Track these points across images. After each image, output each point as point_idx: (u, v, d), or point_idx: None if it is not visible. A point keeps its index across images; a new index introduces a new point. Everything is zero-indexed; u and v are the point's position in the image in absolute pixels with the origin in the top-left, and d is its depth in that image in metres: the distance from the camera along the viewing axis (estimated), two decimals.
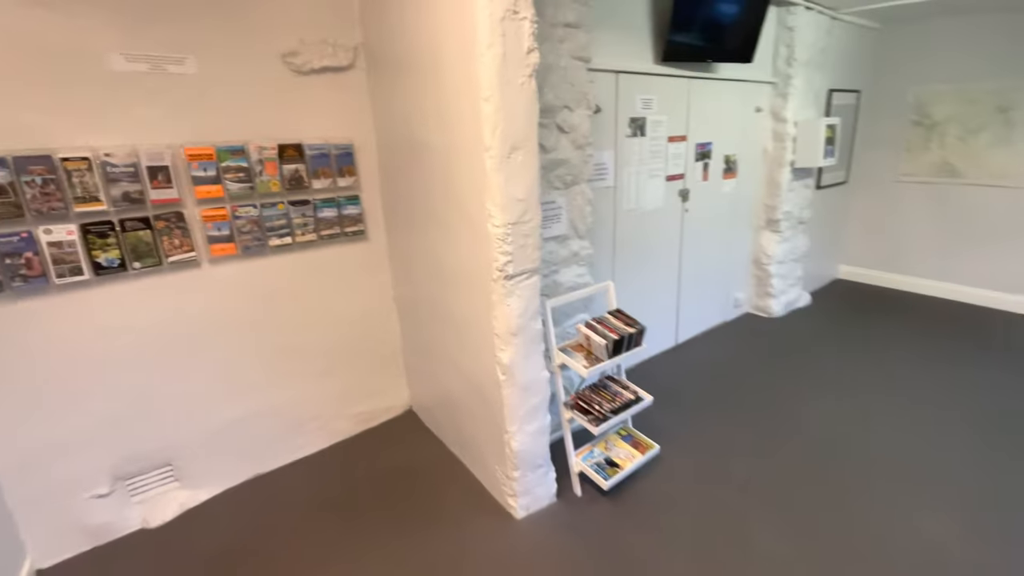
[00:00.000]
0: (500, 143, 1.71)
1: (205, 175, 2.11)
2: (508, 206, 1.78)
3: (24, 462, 1.92)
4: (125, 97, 1.90)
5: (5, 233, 1.74)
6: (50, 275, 1.85)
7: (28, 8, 1.68)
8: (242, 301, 2.32)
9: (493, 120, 1.67)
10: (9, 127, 1.71)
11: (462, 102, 1.79)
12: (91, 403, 2.02)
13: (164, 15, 1.93)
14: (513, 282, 1.89)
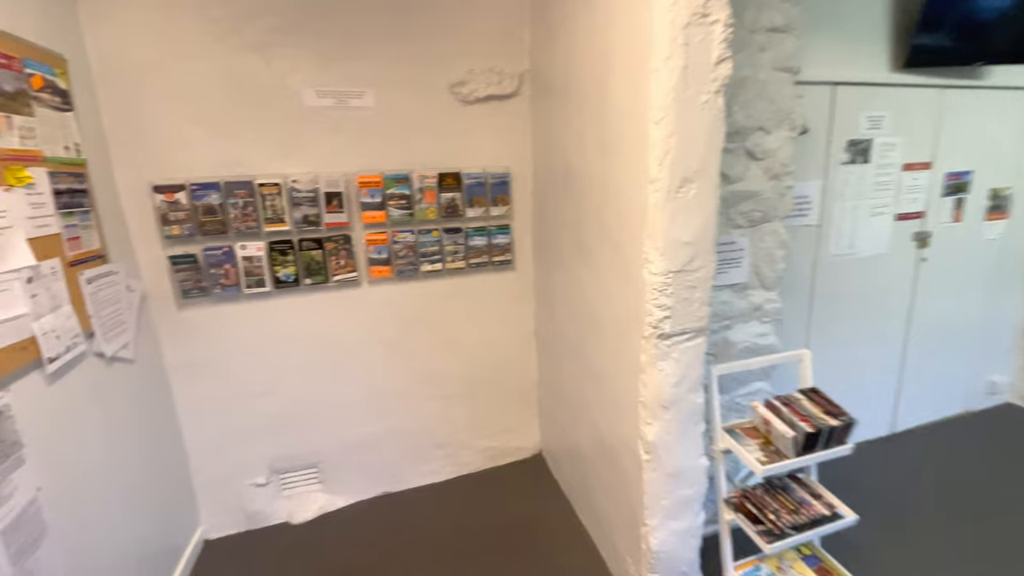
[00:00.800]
0: (669, 174, 1.39)
1: (371, 201, 2.21)
2: (671, 250, 1.45)
3: (208, 446, 2.21)
4: (313, 129, 2.09)
5: (213, 247, 2.02)
6: (241, 285, 2.09)
7: (243, 54, 1.94)
8: (391, 322, 2.37)
9: (663, 147, 1.37)
10: (223, 158, 1.98)
11: (627, 125, 1.52)
12: (263, 401, 2.24)
13: (351, 52, 2.07)
14: (669, 343, 1.53)
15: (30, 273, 1.29)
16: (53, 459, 1.34)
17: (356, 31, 2.06)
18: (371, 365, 2.39)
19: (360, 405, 2.41)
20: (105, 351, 1.63)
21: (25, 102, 1.35)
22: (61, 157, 1.49)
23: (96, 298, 1.61)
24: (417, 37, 2.14)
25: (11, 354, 1.21)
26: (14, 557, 1.15)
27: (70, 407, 1.44)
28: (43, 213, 1.38)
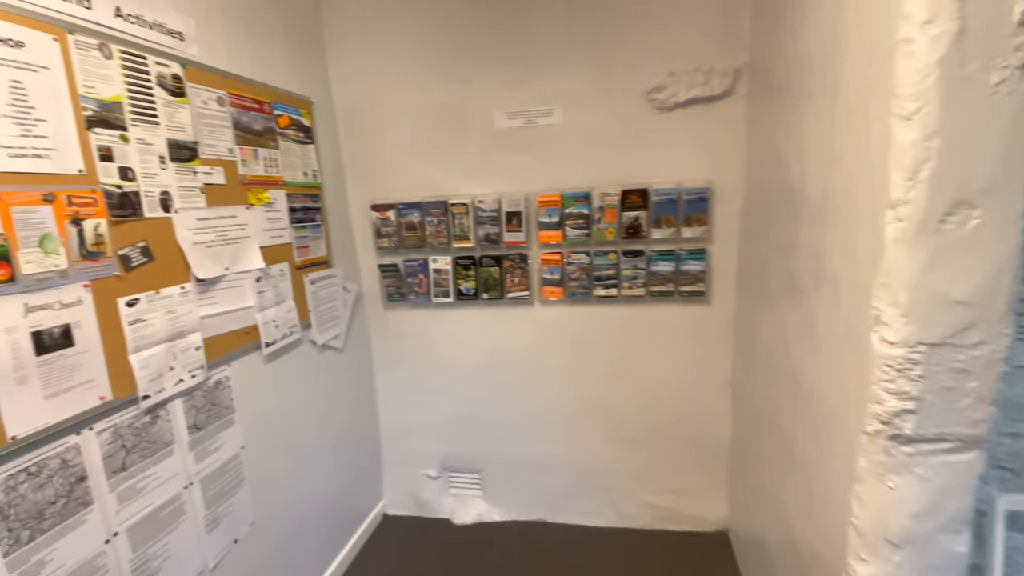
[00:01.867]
0: (928, 195, 0.89)
1: (549, 221, 2.14)
2: (925, 311, 0.93)
3: (396, 430, 2.49)
4: (501, 150, 2.14)
5: (412, 259, 2.26)
6: (431, 294, 2.29)
7: (447, 86, 2.11)
8: (562, 344, 2.26)
9: (917, 154, 0.89)
10: (424, 180, 2.20)
11: (860, 123, 1.06)
12: (441, 399, 2.41)
13: (538, 72, 2.04)
14: (911, 450, 0.99)
15: (259, 274, 1.63)
16: (258, 424, 1.66)
17: (543, 52, 2.03)
18: (540, 385, 2.32)
19: (525, 423, 2.37)
20: (317, 340, 1.97)
21: (272, 138, 1.72)
22: (299, 181, 1.87)
23: (316, 296, 1.96)
24: (608, 45, 1.98)
25: (236, 337, 1.55)
26: (210, 500, 1.46)
27: (279, 384, 1.77)
28: (278, 226, 1.74)
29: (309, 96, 1.96)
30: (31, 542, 1.00)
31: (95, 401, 1.13)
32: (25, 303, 0.99)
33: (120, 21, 1.20)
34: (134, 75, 1.23)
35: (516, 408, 2.36)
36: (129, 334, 1.21)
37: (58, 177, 1.05)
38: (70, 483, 1.09)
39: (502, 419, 2.39)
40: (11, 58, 0.97)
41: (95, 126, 1.13)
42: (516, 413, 2.37)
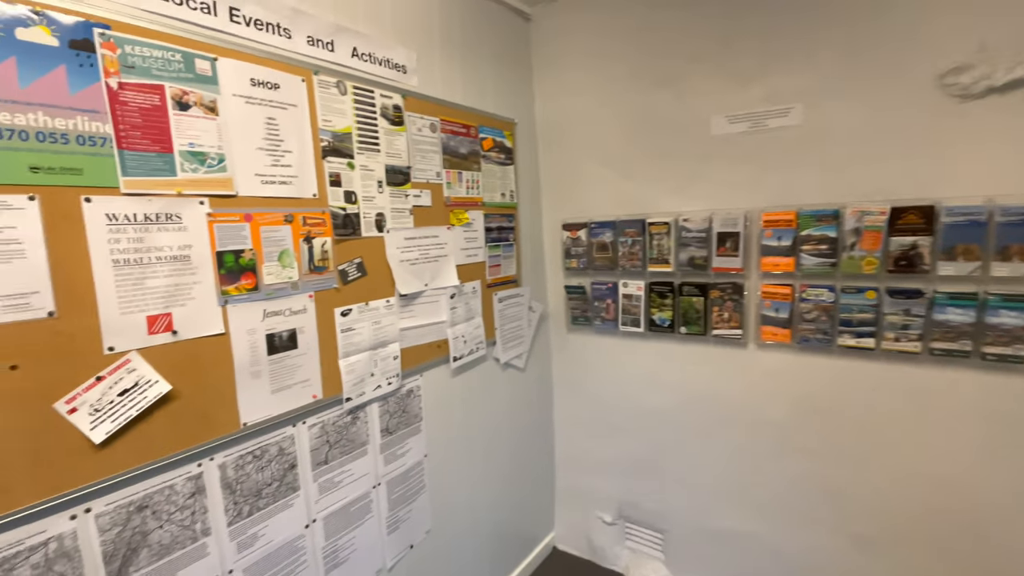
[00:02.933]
0: None
1: (777, 245, 1.73)
2: None
3: (571, 460, 2.36)
4: (715, 160, 1.82)
5: (600, 281, 2.10)
6: (618, 321, 2.09)
7: (651, 92, 1.89)
8: (779, 402, 1.81)
9: None
10: (619, 197, 2.02)
11: None
12: (622, 438, 2.19)
13: (777, 64, 1.67)
14: None
15: (454, 291, 1.68)
16: (441, 435, 1.70)
17: (779, 38, 1.65)
18: (747, 446, 1.90)
19: (725, 486, 1.97)
20: (501, 357, 1.96)
21: (475, 160, 1.77)
22: (496, 202, 1.89)
23: (503, 314, 1.95)
24: (876, 17, 1.50)
25: (429, 349, 1.61)
26: (393, 503, 1.52)
27: (463, 398, 1.80)
28: (474, 245, 1.78)
29: (513, 117, 1.98)
30: (249, 516, 1.15)
31: (309, 399, 1.27)
32: (264, 309, 1.16)
33: (355, 60, 1.34)
34: (363, 107, 1.37)
35: (714, 466, 1.98)
36: (341, 341, 1.34)
37: (297, 201, 1.20)
38: (284, 469, 1.23)
39: (695, 475, 2.03)
40: (268, 98, 1.14)
41: (328, 155, 1.28)
42: (713, 472, 1.98)
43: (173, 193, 0.98)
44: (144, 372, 0.96)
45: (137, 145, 0.93)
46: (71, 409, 0.88)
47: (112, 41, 0.89)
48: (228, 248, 1.08)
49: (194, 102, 1.01)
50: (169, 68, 0.97)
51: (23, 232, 0.81)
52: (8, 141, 0.79)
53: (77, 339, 0.88)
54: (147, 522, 0.98)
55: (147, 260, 0.96)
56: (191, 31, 1.01)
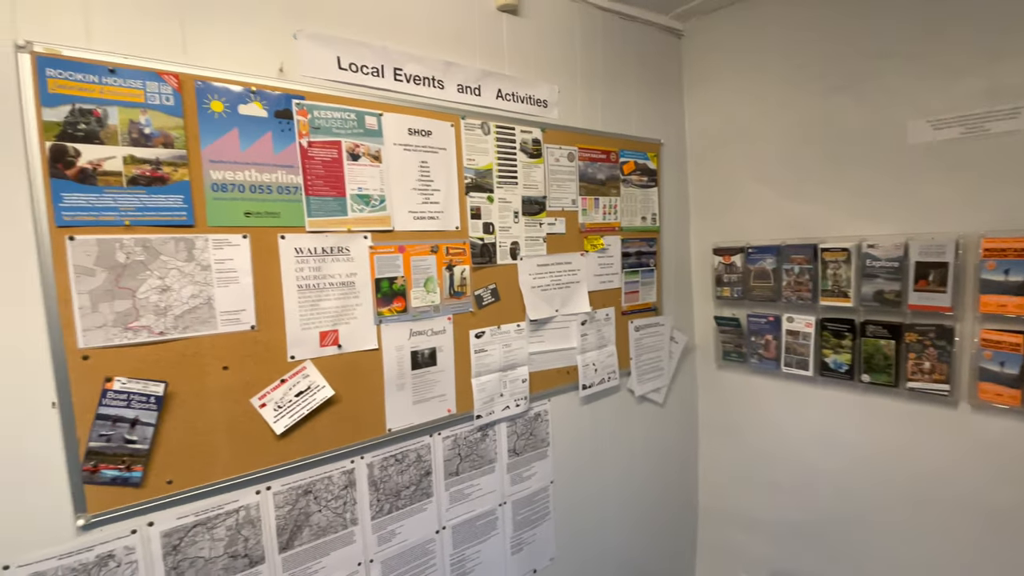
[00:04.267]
0: None
1: (1004, 280, 1.35)
2: None
3: (717, 511, 2.12)
4: (912, 174, 1.50)
5: (759, 314, 1.87)
6: (780, 361, 1.83)
7: (825, 97, 1.63)
8: (1003, 483, 1.39)
9: None
10: (784, 219, 1.78)
11: None
12: (781, 497, 1.90)
13: (999, 50, 1.31)
14: None
15: (585, 317, 1.66)
16: (568, 463, 1.68)
17: (1003, 16, 1.28)
18: (949, 534, 1.50)
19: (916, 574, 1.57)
20: (636, 389, 1.87)
21: (614, 185, 1.73)
22: (636, 226, 1.82)
23: (639, 344, 1.86)
24: None
25: (557, 375, 1.62)
26: (518, 524, 1.55)
27: (593, 428, 1.75)
28: (608, 271, 1.74)
29: (659, 138, 1.90)
30: (389, 514, 1.29)
31: (444, 412, 1.37)
32: (410, 328, 1.30)
33: (499, 101, 1.44)
34: (504, 144, 1.45)
35: (899, 551, 1.59)
36: (474, 361, 1.42)
37: (441, 233, 1.33)
38: (420, 475, 1.35)
39: (874, 557, 1.65)
40: (422, 144, 1.29)
41: (471, 191, 1.39)
42: (899, 558, 1.59)
43: (344, 230, 1.17)
44: (315, 379, 1.15)
45: (319, 191, 1.13)
46: (262, 404, 1.09)
47: (305, 109, 1.11)
48: (384, 275, 1.24)
49: (363, 153, 1.19)
50: (345, 126, 1.16)
51: (238, 263, 1.05)
52: (231, 193, 1.03)
53: (269, 348, 1.10)
54: (310, 505, 1.17)
55: (322, 285, 1.15)
56: (363, 93, 1.20)
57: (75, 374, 0.91)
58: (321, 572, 1.19)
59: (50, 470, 0.90)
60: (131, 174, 0.93)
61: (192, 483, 1.02)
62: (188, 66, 0.98)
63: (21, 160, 0.86)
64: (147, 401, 0.96)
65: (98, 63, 0.90)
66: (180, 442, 1.00)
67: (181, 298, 0.99)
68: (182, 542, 1.02)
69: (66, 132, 0.88)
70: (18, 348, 0.87)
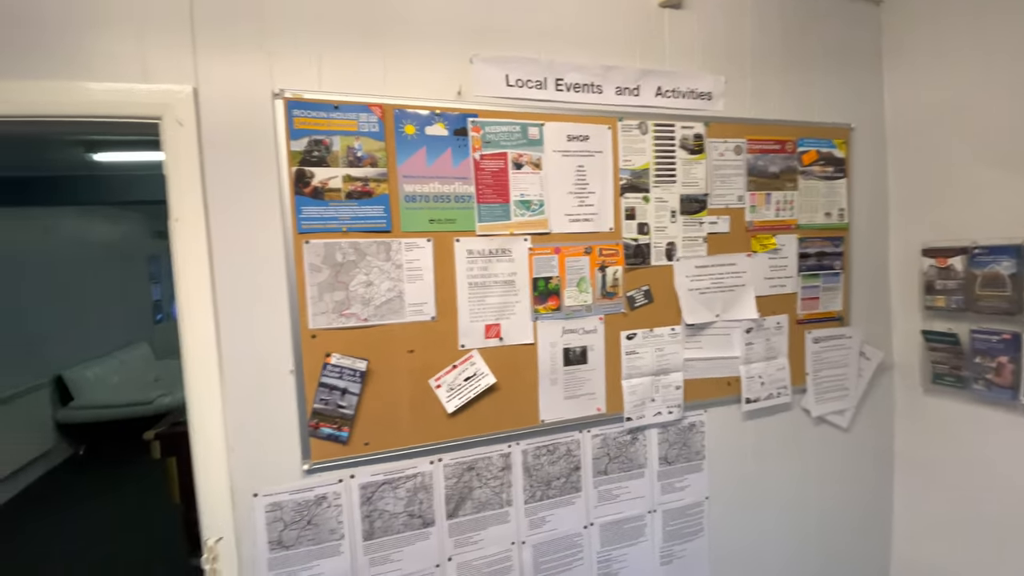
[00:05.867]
0: None
1: None
2: None
3: (917, 569, 1.76)
4: None
5: (988, 329, 1.51)
6: (1019, 391, 1.45)
7: None
8: None
9: None
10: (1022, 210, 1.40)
11: None
12: (1014, 560, 1.51)
13: None
14: None
15: (751, 325, 1.53)
16: (726, 481, 1.56)
17: None
18: None
19: None
20: (812, 409, 1.65)
21: (790, 178, 1.56)
22: (817, 223, 1.61)
23: (819, 358, 1.65)
24: None
25: (716, 385, 1.52)
26: (668, 535, 1.50)
27: (756, 447, 1.60)
28: (781, 275, 1.57)
29: (848, 123, 1.64)
30: (540, 501, 1.36)
31: (593, 411, 1.40)
32: (563, 326, 1.35)
33: (658, 99, 1.41)
34: (662, 143, 1.42)
35: None
36: (624, 362, 1.42)
37: (595, 235, 1.36)
38: (570, 468, 1.40)
39: None
40: (579, 149, 1.33)
41: (626, 192, 1.39)
42: None
43: (507, 233, 1.28)
44: (480, 367, 1.28)
45: (488, 199, 1.25)
46: (437, 385, 1.25)
47: (478, 125, 1.24)
48: (541, 275, 1.32)
49: (525, 161, 1.28)
50: (511, 138, 1.27)
51: (423, 263, 1.22)
52: (419, 203, 1.20)
53: (445, 337, 1.25)
54: (472, 481, 1.30)
55: (488, 283, 1.27)
56: (527, 106, 1.29)
57: (306, 349, 1.15)
58: (480, 543, 1.32)
59: (287, 423, 1.16)
60: (348, 190, 1.15)
61: (383, 447, 1.22)
62: (387, 97, 1.18)
63: (275, 182, 1.13)
64: (354, 375, 1.18)
65: (327, 102, 1.13)
66: (375, 411, 1.21)
67: (380, 291, 1.19)
68: (373, 495, 1.22)
69: (305, 158, 1.12)
70: (272, 326, 1.14)
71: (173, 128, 1.06)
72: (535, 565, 1.37)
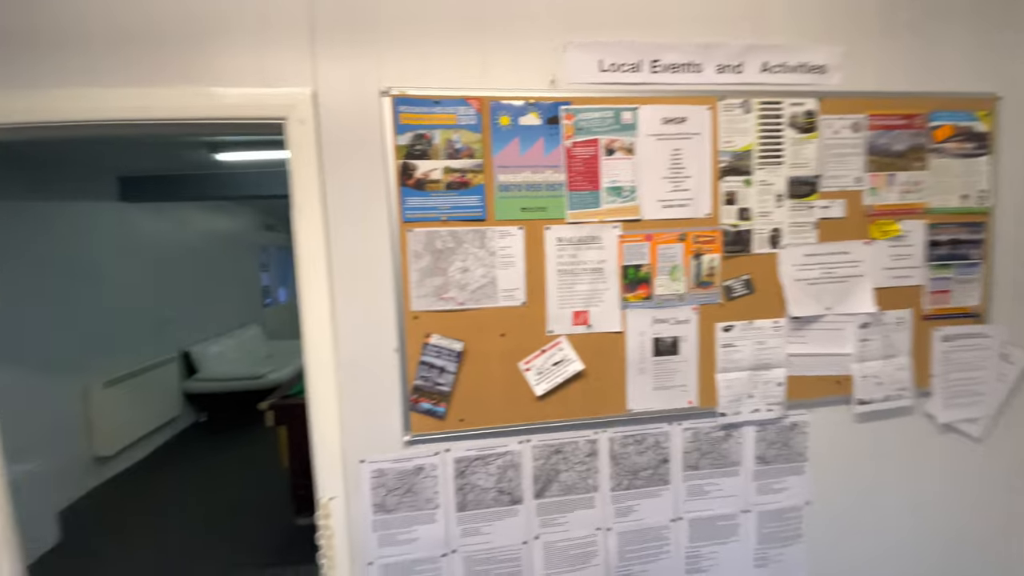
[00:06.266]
0: None
1: None
2: None
3: None
4: None
5: None
6: None
7: None
8: None
9: None
10: None
11: None
12: None
13: None
14: None
15: (867, 319, 1.39)
16: (832, 487, 1.45)
17: None
18: None
19: None
20: (939, 416, 1.48)
21: (918, 157, 1.39)
22: (951, 207, 1.42)
23: (948, 358, 1.47)
24: None
25: (823, 383, 1.41)
26: (763, 537, 1.42)
27: (871, 454, 1.46)
28: (904, 264, 1.41)
29: (994, 91, 1.43)
30: (626, 490, 1.36)
31: (684, 403, 1.36)
32: (653, 316, 1.32)
33: (764, 75, 1.32)
34: (767, 122, 1.33)
35: None
36: (720, 355, 1.36)
37: (690, 221, 1.31)
38: (658, 460, 1.37)
39: None
40: (675, 132, 1.28)
41: (726, 175, 1.32)
42: None
43: (596, 221, 1.27)
44: (568, 353, 1.29)
45: (578, 186, 1.25)
46: (527, 368, 1.28)
47: (571, 113, 1.24)
48: (631, 263, 1.30)
49: (617, 147, 1.26)
50: (603, 124, 1.25)
51: (514, 250, 1.25)
52: (511, 192, 1.23)
53: (534, 322, 1.28)
54: (559, 464, 1.32)
55: (577, 270, 1.28)
56: (620, 90, 1.27)
57: (408, 329, 1.24)
58: (565, 525, 1.34)
59: (391, 397, 1.26)
60: (447, 181, 1.20)
61: (476, 424, 1.28)
62: (484, 90, 1.21)
63: (382, 174, 1.21)
64: (451, 354, 1.24)
65: (428, 97, 1.19)
66: (470, 390, 1.27)
67: (475, 277, 1.24)
68: (467, 469, 1.29)
69: (409, 152, 1.19)
70: (379, 308, 1.23)
71: (296, 127, 1.17)
72: (620, 553, 1.37)
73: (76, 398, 3.65)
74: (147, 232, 4.56)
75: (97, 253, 3.92)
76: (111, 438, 3.82)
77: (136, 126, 1.19)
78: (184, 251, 5.14)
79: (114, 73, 1.13)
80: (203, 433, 4.87)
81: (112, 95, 1.13)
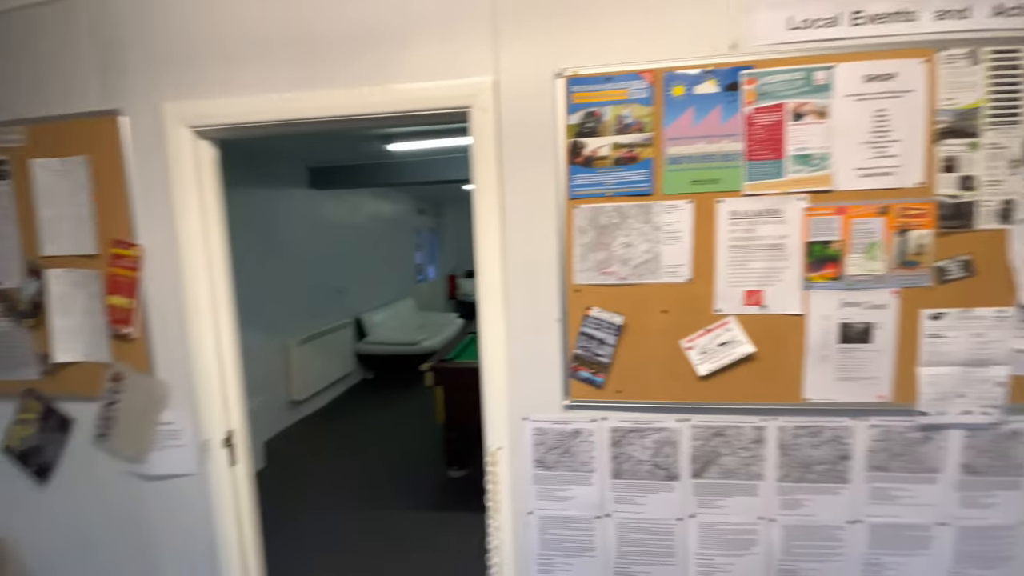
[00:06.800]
0: None
1: None
2: None
3: None
4: None
5: None
6: None
7: None
8: None
9: None
10: None
11: None
12: None
13: None
14: None
15: None
16: None
17: None
18: None
19: None
20: None
21: None
22: None
23: None
24: None
25: None
26: (961, 555, 1.23)
27: None
28: None
29: None
30: (796, 483, 1.27)
31: (872, 397, 1.22)
32: (841, 298, 1.20)
33: (998, 19, 1.09)
34: (1002, 74, 1.10)
35: None
36: (925, 346, 1.19)
37: (895, 191, 1.15)
38: (836, 456, 1.26)
39: None
40: (880, 91, 1.13)
41: (944, 137, 1.13)
42: None
43: (778, 192, 1.19)
44: (736, 334, 1.24)
45: (758, 155, 1.18)
46: (689, 347, 1.27)
47: (753, 77, 1.17)
48: (817, 239, 1.19)
49: (808, 111, 1.16)
50: (791, 87, 1.16)
51: (682, 225, 1.23)
52: (682, 165, 1.21)
53: (699, 300, 1.25)
54: (720, 447, 1.29)
55: (751, 247, 1.21)
56: (813, 48, 1.15)
57: (571, 301, 1.30)
58: (724, 509, 1.31)
59: (552, 363, 1.34)
60: (615, 157, 1.23)
61: (633, 397, 1.30)
62: (657, 62, 1.20)
63: (552, 154, 1.27)
64: (610, 327, 1.28)
65: (601, 75, 1.22)
66: (628, 363, 1.29)
67: (638, 252, 1.25)
68: (623, 440, 1.33)
69: (580, 131, 1.24)
70: (545, 280, 1.32)
71: (479, 115, 1.29)
72: (785, 547, 1.30)
73: (280, 352, 4.48)
74: (329, 215, 5.34)
75: (295, 234, 4.72)
76: (303, 386, 4.62)
77: (339, 122, 1.40)
78: (356, 232, 5.92)
79: (322, 79, 1.35)
80: (371, 389, 5.63)
81: (324, 95, 1.36)
